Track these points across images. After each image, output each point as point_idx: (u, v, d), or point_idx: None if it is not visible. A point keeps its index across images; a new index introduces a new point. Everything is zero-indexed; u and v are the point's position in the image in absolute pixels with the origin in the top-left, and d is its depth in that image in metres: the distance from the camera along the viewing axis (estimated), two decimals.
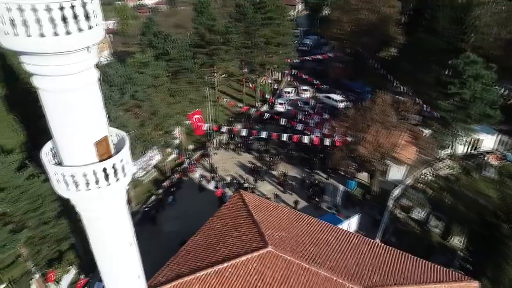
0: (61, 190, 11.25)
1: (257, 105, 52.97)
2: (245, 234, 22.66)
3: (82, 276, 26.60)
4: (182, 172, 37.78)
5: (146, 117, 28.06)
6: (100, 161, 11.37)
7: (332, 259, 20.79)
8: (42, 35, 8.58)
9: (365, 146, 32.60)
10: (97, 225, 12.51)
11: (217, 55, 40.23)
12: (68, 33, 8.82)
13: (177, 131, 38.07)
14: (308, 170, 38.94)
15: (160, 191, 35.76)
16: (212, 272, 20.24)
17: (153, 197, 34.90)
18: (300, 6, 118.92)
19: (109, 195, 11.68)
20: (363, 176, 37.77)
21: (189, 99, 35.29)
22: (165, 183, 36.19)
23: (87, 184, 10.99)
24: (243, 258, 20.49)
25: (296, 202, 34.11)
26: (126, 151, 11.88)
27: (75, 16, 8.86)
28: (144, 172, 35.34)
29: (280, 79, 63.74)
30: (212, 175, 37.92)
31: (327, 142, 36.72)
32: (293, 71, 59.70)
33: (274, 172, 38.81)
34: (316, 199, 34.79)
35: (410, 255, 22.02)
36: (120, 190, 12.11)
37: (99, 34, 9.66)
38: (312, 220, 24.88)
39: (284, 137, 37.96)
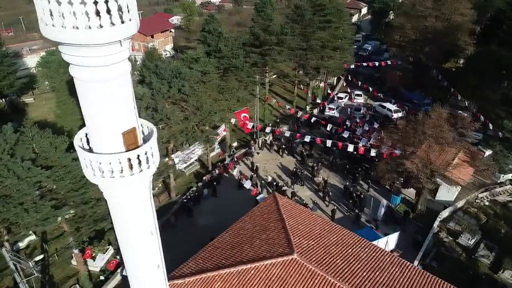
0: (89, 175, 11.78)
1: (306, 108, 52.18)
2: (272, 238, 22.38)
3: (118, 257, 28.04)
4: (222, 168, 38.32)
5: (191, 112, 28.78)
6: (127, 151, 11.75)
7: (359, 276, 19.79)
8: (76, 27, 8.98)
9: (414, 162, 30.75)
10: (120, 212, 12.95)
11: (270, 56, 40.14)
12: (100, 26, 9.14)
13: (222, 128, 38.66)
14: (351, 180, 37.57)
15: (200, 184, 36.57)
16: (235, 271, 20.25)
17: (192, 190, 35.77)
18: (364, 10, 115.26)
19: (132, 184, 12.02)
20: (409, 193, 35.65)
21: (237, 97, 35.64)
22: (205, 177, 36.93)
23: (112, 172, 11.39)
24: (267, 262, 20.25)
25: (333, 211, 33.08)
26: (152, 143, 12.15)
27: (108, 10, 9.16)
28: (186, 164, 36.31)
29: (334, 83, 62.24)
30: (251, 174, 38.00)
31: (373, 152, 35.12)
32: (349, 76, 57.94)
33: (315, 178, 37.96)
34: (356, 210, 33.48)
35: (450, 285, 20.20)
36: (144, 181, 12.40)
37: (132, 29, 9.90)
38: (346, 233, 23.91)
39: (329, 143, 36.95)
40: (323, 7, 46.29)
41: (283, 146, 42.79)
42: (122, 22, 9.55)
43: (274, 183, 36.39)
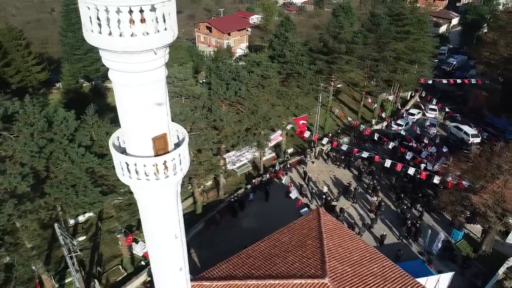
0: (119, 173, 12.21)
1: (372, 121, 49.52)
2: (307, 257, 21.48)
3: None
4: (274, 173, 37.95)
5: (245, 115, 28.83)
6: (155, 155, 11.95)
7: None
8: (110, 34, 9.23)
9: (484, 197, 27.40)
10: (146, 213, 13.30)
11: (337, 64, 38.68)
12: (133, 34, 9.29)
13: (277, 133, 38.26)
14: (408, 205, 34.78)
15: (249, 186, 36.64)
16: (262, 285, 19.82)
17: (241, 191, 35.97)
18: (455, 21, 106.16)
19: (158, 188, 12.22)
20: (474, 229, 31.99)
21: (296, 103, 34.96)
22: (255, 180, 36.89)
23: (138, 174, 11.66)
24: (296, 281, 19.47)
25: (383, 237, 30.88)
26: (181, 150, 12.20)
27: (143, 19, 9.27)
28: (238, 165, 36.58)
29: (408, 97, 58.23)
30: (301, 183, 37.08)
31: (437, 179, 32.05)
32: (423, 92, 53.74)
33: (369, 197, 35.87)
34: (409, 239, 30.96)
35: None
36: (170, 185, 12.53)
37: (166, 39, 9.93)
38: (388, 264, 22.09)
39: (388, 162, 34.57)
40: (402, 17, 43.33)
41: (343, 157, 41.07)
42: (156, 31, 9.60)
43: (324, 196, 35.09)
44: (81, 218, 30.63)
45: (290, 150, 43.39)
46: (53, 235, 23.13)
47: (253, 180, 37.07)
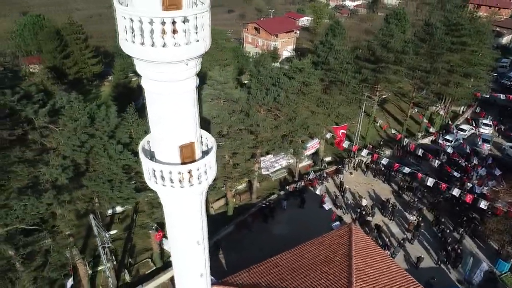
0: (146, 178, 12.44)
1: (418, 135, 47.11)
2: (333, 274, 20.78)
3: None
4: (308, 181, 37.25)
5: (283, 121, 28.49)
6: (182, 163, 12.02)
7: None
8: (143, 44, 9.35)
9: None
10: (171, 219, 13.46)
11: (384, 74, 37.15)
12: (165, 45, 9.35)
13: (315, 141, 37.48)
14: (450, 228, 32.64)
15: (282, 193, 36.26)
16: None
17: (274, 196, 35.68)
18: None
19: (182, 196, 12.29)
20: None
21: (337, 112, 34.02)
22: (289, 187, 36.43)
23: (163, 179, 11.79)
24: None
25: (419, 259, 29.18)
26: (208, 160, 12.21)
27: (175, 31, 9.30)
28: (273, 169, 36.30)
29: (460, 112, 54.75)
30: (337, 194, 36.07)
31: (484, 204, 29.77)
32: (478, 107, 50.22)
33: (407, 215, 34.12)
34: (448, 264, 29.06)
35: None
36: (194, 194, 12.55)
37: (197, 50, 9.91)
38: None
39: (431, 181, 32.65)
40: (459, 27, 40.68)
41: (383, 171, 39.45)
42: (187, 43, 9.60)
43: (359, 210, 33.87)
44: (119, 209, 31.92)
45: (328, 159, 42.39)
46: (90, 225, 24.23)
47: (287, 187, 36.63)
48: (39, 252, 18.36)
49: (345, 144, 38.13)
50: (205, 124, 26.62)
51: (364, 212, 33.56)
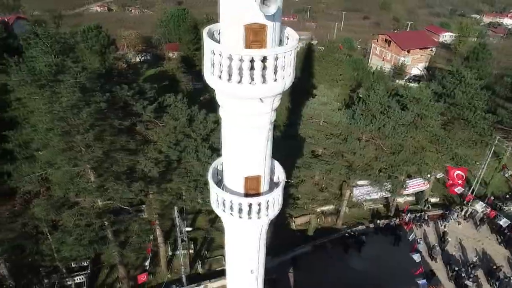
0: (211, 199, 12.61)
1: None
2: None
3: None
4: (403, 220, 33.60)
5: (384, 153, 26.07)
6: (245, 193, 11.84)
7: None
8: (220, 77, 9.32)
9: None
10: (228, 243, 13.50)
11: None
12: (240, 82, 9.16)
13: (420, 181, 33.48)
14: None
15: (372, 226, 33.54)
16: None
17: (361, 227, 33.28)
18: None
19: (239, 225, 12.14)
20: None
21: (454, 153, 29.62)
22: (380, 221, 33.47)
23: (224, 206, 11.80)
24: None
25: None
26: (271, 197, 11.76)
27: (253, 68, 9.02)
28: (367, 197, 33.77)
29: None
30: (434, 244, 31.71)
31: None
32: None
33: None
34: None
35: None
36: (252, 226, 12.26)
37: (273, 90, 9.49)
38: None
39: None
40: None
41: (502, 230, 33.18)
42: (264, 82, 9.24)
43: (456, 269, 29.22)
44: None
45: (434, 200, 37.61)
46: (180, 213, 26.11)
47: (378, 221, 33.72)
48: (125, 231, 20.58)
49: (458, 189, 33.15)
50: (299, 141, 26.10)
51: (463, 274, 28.83)
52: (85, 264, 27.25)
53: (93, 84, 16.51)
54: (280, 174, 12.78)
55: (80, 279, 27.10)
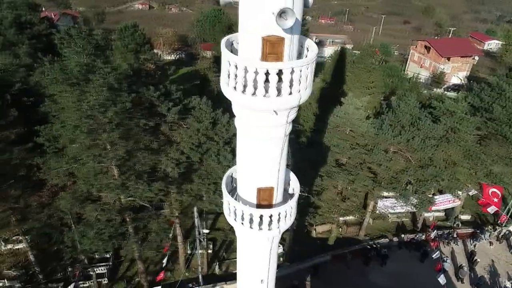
0: (224, 207, 12.57)
1: None
2: None
3: (281, 260, 29.57)
4: (429, 236, 32.20)
5: (412, 167, 25.06)
6: (258, 204, 11.73)
7: None
8: (235, 89, 9.27)
9: None
10: (240, 251, 13.43)
11: None
12: (254, 94, 9.06)
13: (449, 197, 31.96)
14: None
15: (396, 239, 32.42)
16: None
17: (384, 240, 32.25)
18: None
19: (251, 236, 12.04)
20: None
21: (489, 170, 28.02)
22: (404, 235, 32.31)
23: (235, 215, 11.75)
24: None
25: None
26: (282, 209, 11.59)
27: (268, 81, 8.89)
28: (392, 211, 32.67)
29: None
30: (462, 264, 30.20)
31: None
32: None
33: None
34: None
35: None
36: (263, 237, 12.13)
37: (288, 103, 9.31)
38: None
39: None
40: None
41: None
42: (278, 94, 9.09)
43: None
44: None
45: (465, 217, 35.83)
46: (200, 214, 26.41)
47: (403, 235, 32.56)
48: (144, 228, 21.04)
49: (492, 208, 31.39)
50: (323, 149, 25.60)
51: None
52: (108, 256, 28.19)
53: (120, 85, 16.94)
54: (295, 186, 12.55)
55: (102, 270, 28.07)
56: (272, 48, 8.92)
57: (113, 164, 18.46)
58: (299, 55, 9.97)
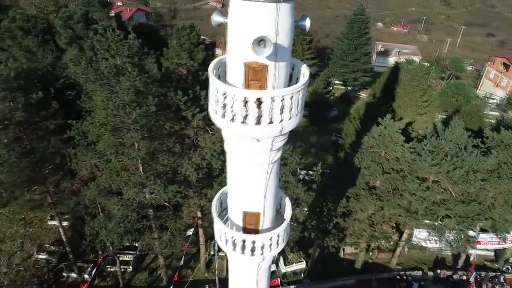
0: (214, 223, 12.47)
1: None
2: None
3: (303, 276, 28.90)
4: (467, 276, 29.18)
5: (452, 200, 22.80)
6: (244, 227, 11.47)
7: None
8: (215, 112, 9.12)
9: None
10: (229, 270, 13.28)
11: None
12: (232, 120, 8.82)
13: (495, 238, 28.61)
14: None
15: (431, 273, 29.91)
16: None
17: (418, 272, 29.91)
18: None
19: (236, 259, 11.83)
20: None
21: None
22: (441, 271, 29.68)
23: (219, 234, 11.60)
24: None
25: None
26: (265, 238, 11.19)
27: (247, 109, 8.59)
28: (431, 245, 30.10)
29: None
30: None
31: None
32: None
33: None
34: None
35: None
36: (245, 262, 11.83)
37: (267, 132, 8.91)
38: None
39: None
40: None
41: None
42: (257, 123, 8.75)
43: None
44: None
45: None
46: None
47: (439, 270, 29.95)
48: (161, 226, 21.70)
49: None
50: (352, 170, 24.34)
51: None
52: (136, 244, 29.56)
53: (147, 88, 17.56)
54: (287, 212, 12.05)
55: (129, 257, 29.55)
56: (254, 75, 8.59)
57: (138, 162, 19.25)
58: (291, 81, 9.53)
